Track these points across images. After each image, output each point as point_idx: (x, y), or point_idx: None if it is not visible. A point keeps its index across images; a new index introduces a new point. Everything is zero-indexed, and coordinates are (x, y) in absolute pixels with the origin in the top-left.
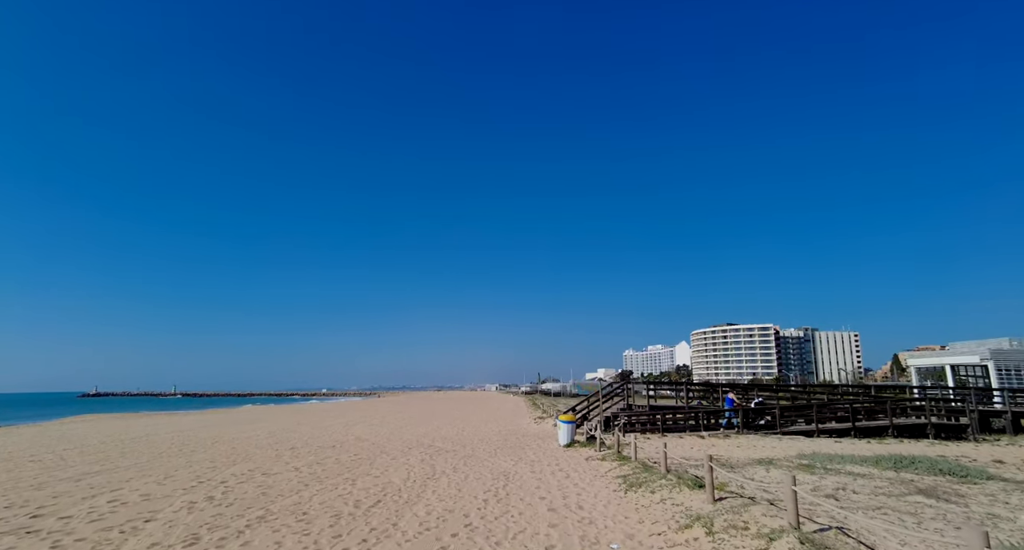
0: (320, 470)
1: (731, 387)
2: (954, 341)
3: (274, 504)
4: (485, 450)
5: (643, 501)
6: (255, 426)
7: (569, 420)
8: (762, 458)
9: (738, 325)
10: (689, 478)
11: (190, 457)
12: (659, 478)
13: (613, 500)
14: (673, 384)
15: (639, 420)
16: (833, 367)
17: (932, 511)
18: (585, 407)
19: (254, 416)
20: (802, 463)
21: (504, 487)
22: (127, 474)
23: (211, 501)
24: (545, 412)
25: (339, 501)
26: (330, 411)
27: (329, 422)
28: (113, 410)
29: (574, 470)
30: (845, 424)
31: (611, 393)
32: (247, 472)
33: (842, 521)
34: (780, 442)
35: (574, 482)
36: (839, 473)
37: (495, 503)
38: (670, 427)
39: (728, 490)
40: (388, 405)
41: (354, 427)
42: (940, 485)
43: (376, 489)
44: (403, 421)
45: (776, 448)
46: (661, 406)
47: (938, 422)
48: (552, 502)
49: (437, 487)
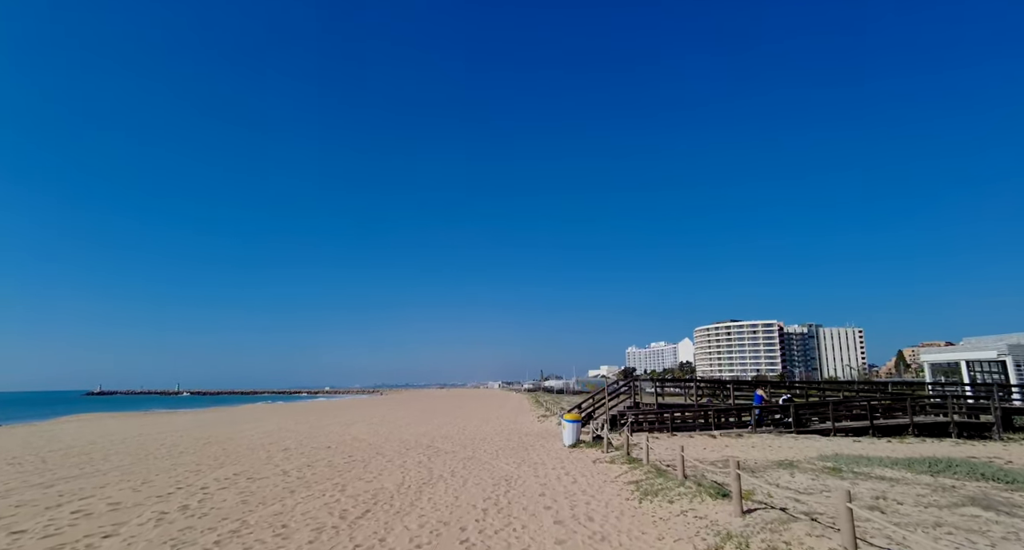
0: (310, 474)
1: (759, 384)
2: (958, 336)
3: (252, 515)
4: (486, 451)
5: (661, 512)
6: (253, 425)
7: (574, 419)
8: (782, 460)
9: (741, 321)
10: (710, 485)
11: (177, 459)
12: (676, 485)
13: (627, 511)
14: (682, 381)
15: (646, 419)
16: (837, 364)
17: (999, 528)
18: (590, 405)
19: (255, 415)
20: (827, 466)
21: (506, 494)
22: (104, 479)
23: (184, 511)
24: (548, 410)
25: (324, 511)
26: (331, 409)
27: (328, 421)
28: (116, 409)
29: (581, 474)
30: (863, 422)
31: (617, 391)
32: (232, 476)
33: (901, 542)
34: (796, 442)
35: (582, 489)
36: (870, 478)
37: (495, 513)
38: (679, 426)
39: (755, 500)
40: (390, 403)
41: (353, 426)
42: (989, 493)
43: (367, 496)
44: (403, 420)
45: (793, 448)
46: (669, 404)
47: (960, 420)
48: (558, 512)
49: (433, 494)
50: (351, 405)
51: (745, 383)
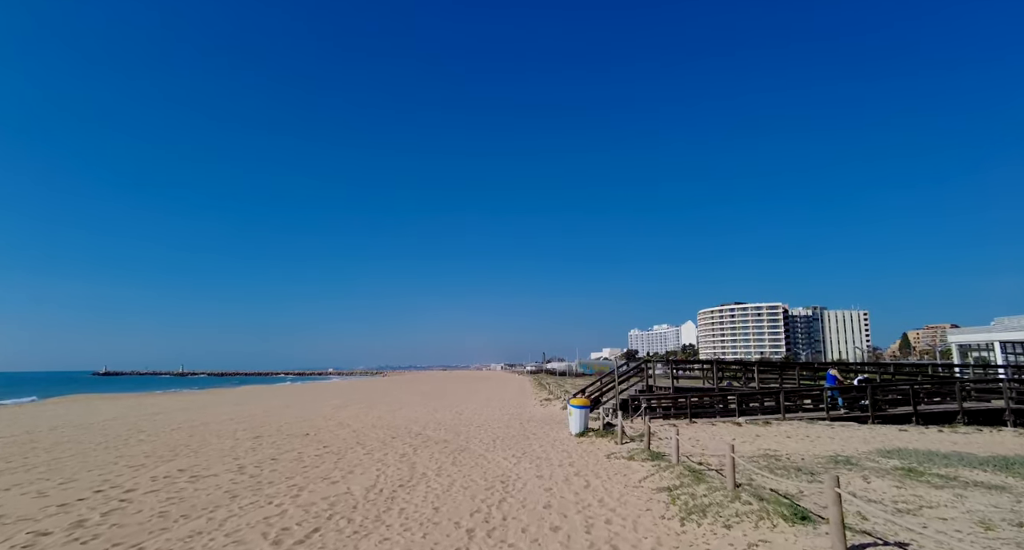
0: (268, 471)
1: (831, 364)
2: (962, 320)
3: (158, 537)
4: (481, 441)
5: (717, 544)
6: (237, 408)
7: (582, 405)
8: (833, 455)
9: (746, 304)
10: (776, 500)
11: (125, 450)
12: (727, 498)
13: (666, 539)
14: (699, 363)
15: (660, 404)
16: (842, 346)
17: None
18: (597, 389)
19: (248, 397)
20: (897, 466)
21: (500, 504)
22: (21, 477)
23: (80, 526)
24: (551, 393)
25: (257, 531)
26: (329, 390)
27: (320, 404)
28: (118, 390)
29: (595, 474)
30: (903, 408)
31: (627, 373)
32: (174, 474)
33: None
34: (832, 429)
35: (599, 497)
36: (967, 485)
37: (484, 538)
38: (698, 412)
39: (859, 530)
40: (389, 385)
41: (344, 409)
42: None
43: (323, 506)
44: (398, 403)
45: (835, 439)
46: (686, 388)
47: (1016, 407)
48: (571, 538)
49: (408, 502)
50: (350, 386)
51: (770, 365)
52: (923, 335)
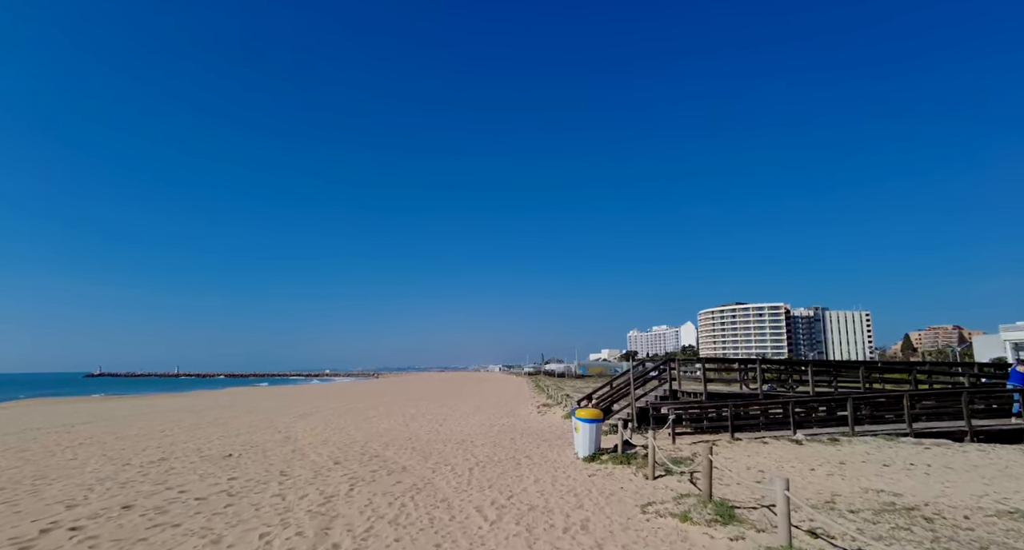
0: (112, 527)
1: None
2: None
3: None
4: (455, 469)
5: None
6: (190, 416)
7: (592, 417)
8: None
9: (747, 304)
10: None
11: None
12: None
13: None
14: (733, 363)
15: (688, 414)
16: (844, 347)
17: None
18: (607, 394)
19: (217, 401)
20: None
21: None
22: None
23: None
24: (551, 397)
25: None
26: (307, 394)
27: (283, 411)
28: (107, 391)
29: None
30: (955, 423)
31: (645, 376)
32: None
33: None
34: (952, 453)
35: None
36: None
37: None
38: (740, 425)
39: None
40: (377, 387)
41: (304, 419)
42: None
43: None
44: (377, 409)
45: (976, 471)
46: (722, 393)
47: None
48: None
49: None
50: (332, 390)
51: (826, 364)
52: (925, 336)
